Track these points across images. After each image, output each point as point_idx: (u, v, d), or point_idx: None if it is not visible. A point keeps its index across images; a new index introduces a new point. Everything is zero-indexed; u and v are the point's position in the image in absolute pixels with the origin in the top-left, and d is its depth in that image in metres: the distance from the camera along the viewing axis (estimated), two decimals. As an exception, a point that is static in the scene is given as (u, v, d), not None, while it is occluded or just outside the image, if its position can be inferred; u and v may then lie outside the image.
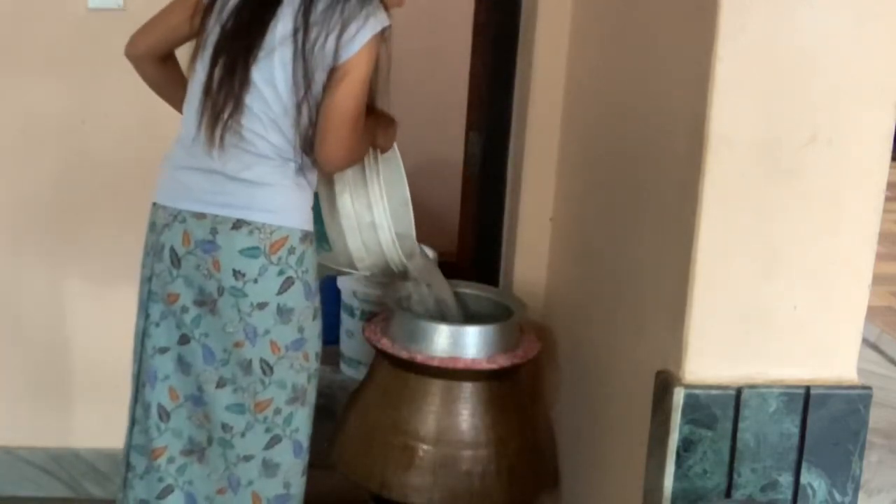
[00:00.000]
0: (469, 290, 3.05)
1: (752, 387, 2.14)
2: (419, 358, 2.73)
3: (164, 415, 2.45)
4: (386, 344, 2.79)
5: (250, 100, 2.32)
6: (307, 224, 2.40)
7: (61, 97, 3.02)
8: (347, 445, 2.86)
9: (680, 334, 2.14)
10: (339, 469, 2.87)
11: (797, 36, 2.03)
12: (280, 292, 2.35)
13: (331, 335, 4.00)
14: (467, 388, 2.76)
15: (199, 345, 2.40)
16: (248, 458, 2.43)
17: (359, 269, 2.68)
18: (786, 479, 2.17)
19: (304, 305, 2.40)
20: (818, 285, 2.14)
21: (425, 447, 2.73)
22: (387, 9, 2.40)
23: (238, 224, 2.32)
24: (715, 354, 2.14)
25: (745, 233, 2.10)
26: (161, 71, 2.51)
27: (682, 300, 2.13)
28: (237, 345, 2.37)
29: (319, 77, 2.29)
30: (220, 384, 2.41)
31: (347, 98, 2.30)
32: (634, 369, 2.37)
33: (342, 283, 3.88)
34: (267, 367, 2.39)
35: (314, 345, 2.46)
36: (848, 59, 2.05)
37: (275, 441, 2.44)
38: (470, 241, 3.43)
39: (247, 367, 2.39)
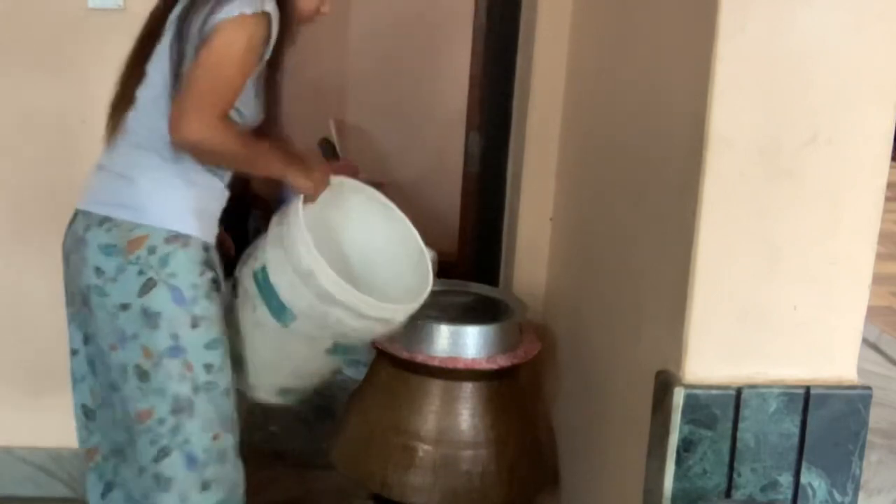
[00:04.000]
0: (469, 290, 3.05)
1: (752, 387, 2.14)
2: (419, 358, 2.73)
3: (90, 414, 2.40)
4: (386, 344, 2.79)
5: (139, 90, 2.25)
6: (179, 224, 2.22)
7: (61, 97, 3.01)
8: (347, 445, 2.86)
9: (680, 334, 2.14)
10: (339, 469, 2.87)
11: (797, 36, 2.03)
12: (141, 294, 2.20)
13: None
14: (467, 388, 2.76)
15: (95, 345, 2.32)
16: (141, 471, 2.30)
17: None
18: (786, 479, 2.17)
19: (175, 311, 2.20)
20: (818, 285, 2.14)
21: (425, 447, 2.73)
22: (298, 21, 2.29)
23: (103, 220, 2.23)
24: (715, 354, 2.14)
25: (745, 233, 2.10)
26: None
27: (682, 300, 2.13)
28: (112, 347, 2.25)
29: (190, 55, 2.17)
30: (115, 388, 2.30)
31: (198, 67, 2.13)
32: (634, 369, 2.37)
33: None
34: (142, 374, 2.23)
35: (199, 356, 2.24)
36: (848, 60, 2.05)
37: (163, 454, 2.26)
38: (470, 241, 3.43)
39: (122, 372, 2.25)
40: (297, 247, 2.22)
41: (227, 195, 2.34)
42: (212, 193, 2.29)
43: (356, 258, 2.52)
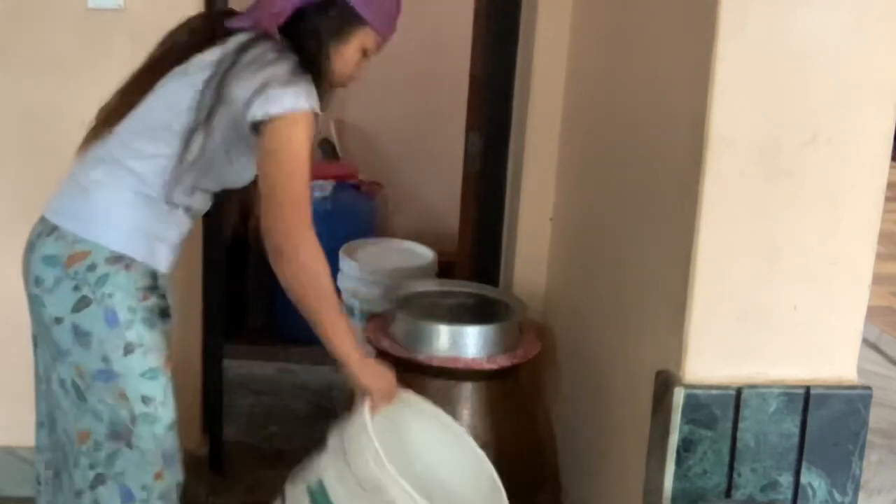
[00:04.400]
0: (469, 289, 3.05)
1: (752, 387, 2.14)
2: (419, 358, 2.73)
3: (43, 426, 2.32)
4: (386, 344, 2.79)
5: (135, 110, 2.16)
6: (126, 246, 2.12)
7: (61, 97, 3.01)
8: (347, 445, 2.86)
9: (680, 334, 2.14)
10: (339, 469, 2.86)
11: (797, 36, 2.03)
12: (74, 310, 2.10)
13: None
14: (467, 388, 2.76)
15: (41, 353, 2.27)
16: (78, 494, 2.20)
17: None
18: (786, 479, 2.17)
19: (107, 334, 2.10)
20: (818, 285, 2.14)
21: (425, 447, 2.72)
22: (331, 86, 2.21)
23: (53, 230, 2.16)
24: (715, 354, 2.14)
25: (745, 233, 2.10)
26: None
27: (682, 300, 2.13)
28: (52, 358, 2.18)
29: (222, 117, 2.09)
30: (57, 403, 2.21)
31: (285, 178, 2.06)
32: (634, 369, 2.37)
33: (342, 283, 3.88)
34: (78, 391, 2.14)
35: (134, 384, 2.12)
36: (848, 60, 2.05)
37: (99, 481, 2.17)
38: (470, 241, 3.43)
39: (61, 385, 2.16)
40: (364, 461, 2.06)
41: (190, 225, 2.25)
42: (171, 220, 2.18)
43: (420, 474, 2.29)
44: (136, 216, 2.14)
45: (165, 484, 2.19)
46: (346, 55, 2.22)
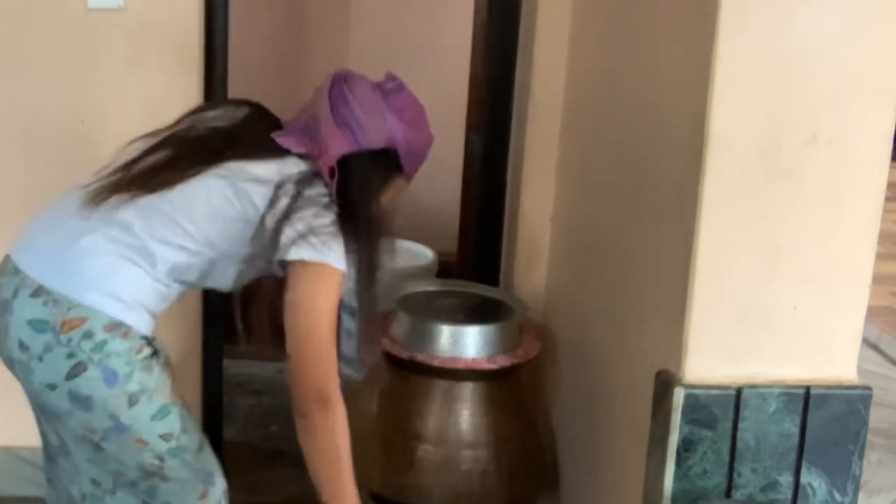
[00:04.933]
0: (469, 290, 3.05)
1: (752, 387, 2.14)
2: (419, 358, 2.73)
3: (51, 456, 2.21)
4: (386, 344, 2.79)
5: (175, 193, 2.06)
6: (126, 313, 2.01)
7: (61, 97, 3.01)
8: (347, 445, 2.86)
9: (680, 334, 2.14)
10: (339, 469, 2.86)
11: (797, 36, 2.03)
12: (70, 377, 1.98)
13: (331, 335, 4.01)
14: (467, 388, 2.76)
15: (37, 416, 2.18)
16: None
17: None
18: (786, 479, 2.17)
19: (108, 393, 1.98)
20: (818, 285, 2.14)
21: (425, 447, 2.73)
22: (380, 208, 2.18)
23: (39, 290, 1.99)
24: (715, 354, 2.14)
25: (745, 233, 2.10)
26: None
27: (682, 300, 2.13)
28: (54, 418, 2.07)
29: (253, 241, 2.05)
30: (68, 451, 2.11)
31: (309, 334, 2.04)
32: (634, 369, 2.37)
33: (342, 283, 3.88)
34: (95, 445, 2.05)
35: (148, 429, 2.03)
36: (848, 60, 2.05)
37: None
38: (470, 241, 3.43)
39: (74, 441, 2.08)
40: None
41: (174, 301, 2.17)
42: (164, 295, 2.09)
43: None
44: (138, 288, 2.04)
45: (213, 499, 2.16)
46: (382, 204, 2.20)
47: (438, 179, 4.51)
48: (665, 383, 2.16)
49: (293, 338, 2.04)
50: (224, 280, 2.16)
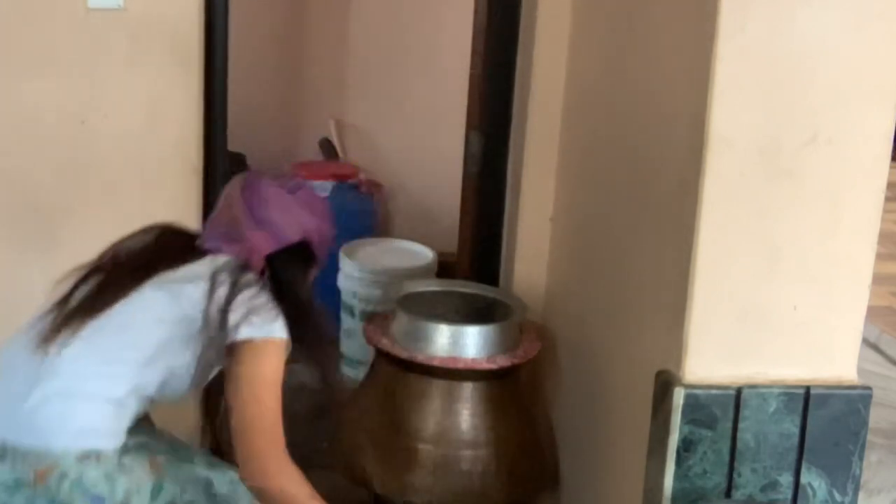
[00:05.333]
0: (469, 290, 3.05)
1: (752, 387, 2.14)
2: (419, 358, 2.73)
3: None
4: (386, 344, 2.79)
5: (113, 314, 2.10)
6: (96, 442, 2.04)
7: (61, 97, 3.01)
8: (347, 445, 2.86)
9: (680, 334, 2.14)
10: (339, 469, 2.87)
11: (797, 36, 2.03)
12: None
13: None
14: (467, 388, 2.76)
15: None
16: None
17: None
18: (786, 479, 2.17)
19: None
20: (818, 285, 2.14)
21: (425, 447, 2.73)
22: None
23: (2, 454, 2.01)
24: (715, 354, 2.14)
25: (745, 233, 2.10)
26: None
27: (682, 300, 2.13)
28: None
29: (200, 336, 2.10)
30: None
31: (256, 403, 2.07)
32: (634, 369, 2.37)
33: (342, 282, 3.88)
34: None
35: None
36: (848, 60, 2.05)
37: None
38: (470, 241, 3.42)
39: None
40: None
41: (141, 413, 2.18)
42: (133, 409, 2.11)
43: None
44: (101, 418, 2.06)
45: None
46: (308, 288, 2.29)
47: (438, 179, 4.52)
48: (665, 383, 2.16)
49: (238, 408, 2.08)
50: (182, 385, 2.19)
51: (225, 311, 2.08)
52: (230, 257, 2.17)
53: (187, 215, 3.06)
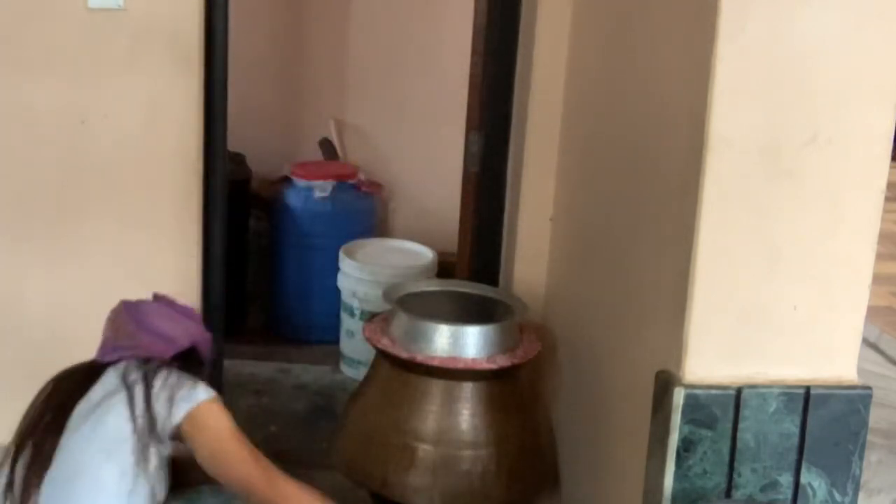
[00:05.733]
0: (469, 290, 3.05)
1: (752, 387, 2.14)
2: (419, 358, 2.73)
3: None
4: (386, 344, 2.79)
5: (59, 459, 2.15)
6: None
7: (61, 97, 3.01)
8: (347, 445, 2.86)
9: (680, 334, 2.14)
10: (339, 469, 2.87)
11: (797, 36, 2.03)
12: None
13: (331, 335, 4.01)
14: (467, 388, 2.76)
15: None
16: None
17: None
18: (786, 479, 2.17)
19: None
20: (818, 285, 2.14)
21: (425, 447, 2.73)
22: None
23: None
24: (715, 354, 2.14)
25: (745, 233, 2.10)
26: None
27: (682, 300, 2.13)
28: None
29: (140, 440, 2.15)
30: None
31: (235, 455, 2.18)
32: (634, 369, 2.37)
33: (342, 282, 3.88)
34: None
35: None
36: (848, 60, 2.05)
37: None
38: (470, 241, 3.43)
39: None
40: None
41: None
42: None
43: None
44: None
45: None
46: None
47: (438, 179, 4.52)
48: (665, 383, 2.16)
49: (223, 475, 2.18)
50: (144, 491, 2.20)
51: (149, 406, 2.16)
52: (131, 360, 2.24)
53: (187, 215, 3.07)
